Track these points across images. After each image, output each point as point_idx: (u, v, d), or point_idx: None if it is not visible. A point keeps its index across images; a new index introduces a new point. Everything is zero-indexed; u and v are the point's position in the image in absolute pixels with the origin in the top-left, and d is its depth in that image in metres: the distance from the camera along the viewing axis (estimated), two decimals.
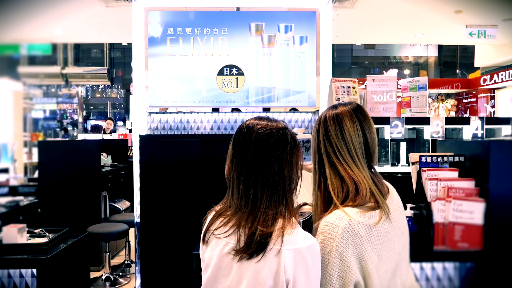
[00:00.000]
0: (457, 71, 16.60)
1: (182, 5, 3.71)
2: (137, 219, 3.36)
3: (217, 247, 1.14)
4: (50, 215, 4.05)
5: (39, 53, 7.24)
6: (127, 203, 4.97)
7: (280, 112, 3.78)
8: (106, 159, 4.99)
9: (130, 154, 6.19)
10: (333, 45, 3.92)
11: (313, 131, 1.31)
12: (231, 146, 1.19)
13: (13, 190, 3.88)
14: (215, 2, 3.70)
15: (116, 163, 5.15)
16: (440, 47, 17.52)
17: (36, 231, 2.74)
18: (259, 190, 1.11)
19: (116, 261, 4.65)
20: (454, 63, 17.18)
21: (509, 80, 8.75)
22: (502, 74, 8.95)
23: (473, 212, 1.71)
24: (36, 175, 4.28)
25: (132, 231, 3.88)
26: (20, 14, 5.79)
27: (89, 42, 14.18)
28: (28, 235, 2.67)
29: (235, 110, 3.81)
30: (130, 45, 4.31)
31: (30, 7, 5.48)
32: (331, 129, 1.24)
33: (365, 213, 1.16)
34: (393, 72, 13.26)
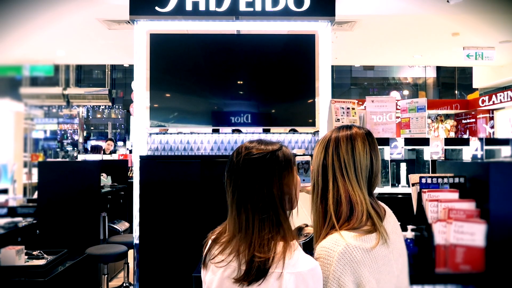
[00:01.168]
0: (456, 92, 16.74)
1: (184, 28, 3.77)
2: (136, 241, 3.34)
3: (217, 270, 1.13)
4: (48, 236, 4.02)
5: (41, 74, 7.32)
6: (126, 224, 4.93)
7: (280, 133, 3.80)
8: (106, 180, 4.98)
9: (130, 175, 6.19)
10: (332, 66, 3.96)
11: (319, 147, 1.31)
12: (226, 170, 1.21)
13: (12, 211, 3.87)
14: (216, 26, 3.76)
15: (116, 184, 5.14)
16: (439, 68, 17.70)
17: (34, 252, 2.72)
18: (250, 215, 1.11)
19: (114, 283, 4.59)
20: (452, 84, 17.34)
21: (507, 101, 8.82)
22: (500, 95, 9.02)
23: (474, 234, 1.70)
24: (35, 195, 4.27)
25: (131, 253, 3.84)
26: (23, 36, 5.88)
27: (91, 63, 14.34)
28: (26, 257, 2.65)
29: (236, 131, 3.83)
30: (131, 66, 4.38)
31: (33, 29, 5.57)
32: (342, 145, 1.25)
33: (362, 237, 1.15)
34: (396, 95, 13.37)
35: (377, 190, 1.33)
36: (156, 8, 3.58)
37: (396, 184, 3.16)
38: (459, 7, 4.73)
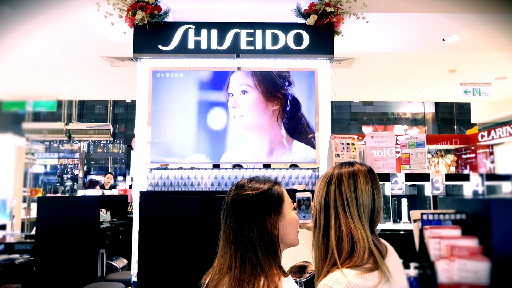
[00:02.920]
0: (455, 126, 16.85)
1: (186, 65, 3.85)
2: (134, 278, 3.27)
3: None
4: (45, 273, 3.94)
5: (44, 110, 7.41)
6: (125, 261, 4.85)
7: (280, 169, 3.80)
8: (105, 216, 4.94)
9: (130, 210, 6.14)
10: (332, 101, 4.02)
11: (321, 182, 1.31)
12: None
13: (9, 247, 3.82)
14: (217, 63, 3.85)
15: (115, 220, 5.09)
16: (437, 104, 17.91)
17: None
18: (233, 256, 1.13)
19: None
20: (451, 119, 17.48)
21: (506, 136, 8.86)
22: (499, 131, 9.07)
23: (478, 272, 1.68)
24: (33, 231, 4.22)
25: None
26: (29, 72, 6.00)
27: (94, 99, 14.54)
28: None
29: (236, 166, 3.83)
30: (133, 101, 4.43)
31: (38, 65, 5.69)
32: (344, 181, 1.26)
33: (364, 275, 1.14)
34: (399, 129, 13.45)
35: (379, 226, 1.32)
36: (159, 46, 3.67)
37: (398, 220, 3.13)
38: (454, 45, 4.86)
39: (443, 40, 4.72)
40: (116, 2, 3.58)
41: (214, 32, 3.72)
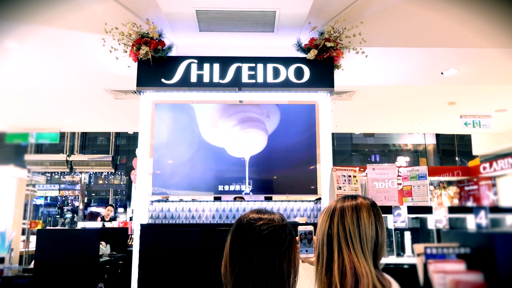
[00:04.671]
0: (456, 158, 16.82)
1: (188, 98, 3.90)
2: None
3: None
4: None
5: (47, 141, 7.45)
6: None
7: (282, 201, 3.78)
8: (105, 249, 4.87)
9: (130, 243, 6.05)
10: (333, 133, 4.04)
11: (324, 216, 1.30)
12: (230, 242, 1.15)
13: (7, 281, 3.75)
14: (219, 96, 3.90)
15: (114, 253, 5.01)
16: (438, 135, 17.94)
17: None
18: None
19: None
20: (452, 150, 17.46)
21: (508, 168, 8.84)
22: (501, 162, 9.06)
23: None
24: (31, 265, 4.16)
25: None
26: (32, 105, 6.07)
27: (96, 131, 14.63)
28: None
29: (238, 198, 3.82)
30: (135, 133, 4.46)
31: (42, 98, 5.77)
32: (347, 215, 1.25)
33: None
34: (402, 160, 13.42)
35: (383, 260, 1.30)
36: (162, 80, 3.73)
37: (401, 254, 3.08)
38: (453, 78, 4.93)
39: (442, 73, 4.79)
40: (121, 37, 3.67)
41: (216, 66, 3.79)
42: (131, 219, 8.34)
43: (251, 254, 1.09)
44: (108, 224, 7.26)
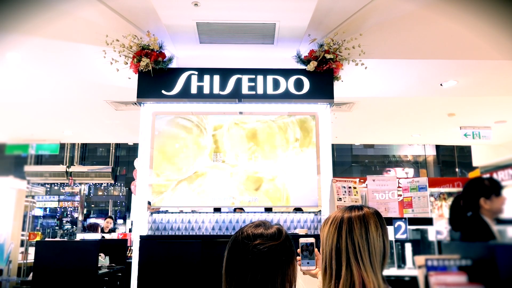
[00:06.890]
0: (456, 169, 16.79)
1: (188, 109, 3.91)
2: None
3: None
4: None
5: (47, 153, 7.44)
6: None
7: (282, 212, 3.77)
8: (104, 261, 4.83)
9: (129, 255, 6.01)
10: (333, 145, 4.05)
11: (330, 228, 1.26)
12: (225, 259, 1.14)
13: None
14: (219, 107, 3.91)
15: (113, 265, 4.98)
16: (438, 146, 17.93)
17: None
18: None
19: None
20: (452, 162, 17.45)
21: (509, 179, 8.81)
22: (501, 174, 9.00)
23: None
24: (30, 277, 4.12)
25: None
26: (33, 116, 6.08)
27: (96, 142, 14.64)
28: None
29: (237, 209, 3.80)
30: (135, 144, 4.47)
31: (43, 110, 5.78)
32: (356, 228, 1.23)
33: None
34: (401, 172, 13.37)
35: (383, 272, 1.29)
36: (163, 91, 3.75)
37: (402, 266, 3.06)
38: (452, 90, 4.95)
39: (441, 85, 4.81)
40: (122, 49, 3.69)
41: (216, 77, 3.81)
42: (130, 230, 8.30)
43: (245, 274, 1.08)
44: (107, 236, 7.22)
